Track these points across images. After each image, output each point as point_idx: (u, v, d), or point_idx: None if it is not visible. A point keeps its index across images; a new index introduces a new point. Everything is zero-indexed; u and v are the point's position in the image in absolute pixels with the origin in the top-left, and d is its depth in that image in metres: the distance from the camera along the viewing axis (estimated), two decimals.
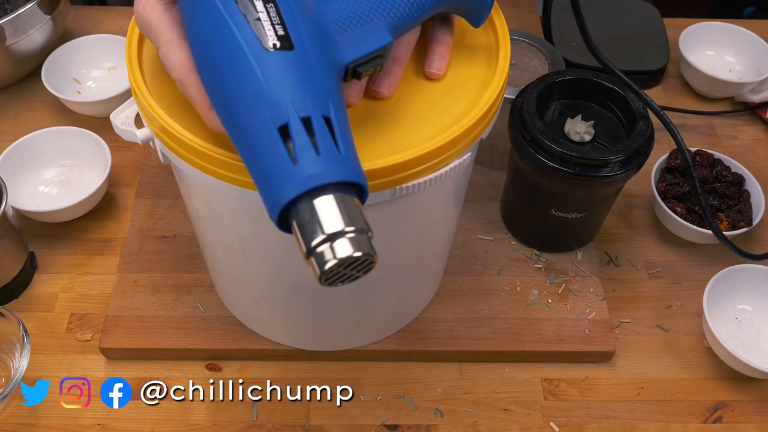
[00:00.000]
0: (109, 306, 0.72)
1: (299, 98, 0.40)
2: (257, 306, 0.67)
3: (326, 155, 0.39)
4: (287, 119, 0.40)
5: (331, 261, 0.39)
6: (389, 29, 0.47)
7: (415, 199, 0.52)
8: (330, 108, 0.41)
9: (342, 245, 0.39)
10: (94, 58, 0.92)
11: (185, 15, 0.44)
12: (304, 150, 0.39)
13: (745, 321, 0.73)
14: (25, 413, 0.66)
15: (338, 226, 0.39)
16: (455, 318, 0.72)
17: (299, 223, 0.39)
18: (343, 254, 0.39)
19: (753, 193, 0.79)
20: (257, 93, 0.40)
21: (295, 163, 0.39)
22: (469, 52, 0.56)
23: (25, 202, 0.78)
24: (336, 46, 0.45)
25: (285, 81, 0.40)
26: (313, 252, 0.39)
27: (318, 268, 0.39)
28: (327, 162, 0.39)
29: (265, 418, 0.67)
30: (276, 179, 0.39)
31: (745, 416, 0.69)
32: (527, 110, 0.68)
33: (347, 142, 0.41)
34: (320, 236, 0.39)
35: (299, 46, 0.41)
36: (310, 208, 0.39)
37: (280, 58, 0.41)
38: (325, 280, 0.41)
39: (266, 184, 0.40)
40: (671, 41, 0.98)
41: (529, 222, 0.77)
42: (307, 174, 0.39)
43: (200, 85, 0.44)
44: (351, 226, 0.39)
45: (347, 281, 0.42)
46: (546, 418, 0.68)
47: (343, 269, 0.40)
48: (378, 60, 0.47)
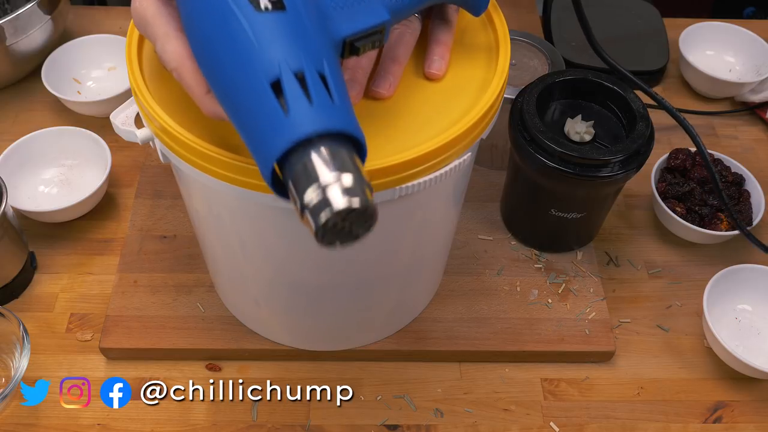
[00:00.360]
0: (109, 306, 0.72)
1: (292, 54, 0.39)
2: (257, 306, 0.67)
3: (319, 105, 0.38)
4: (279, 74, 0.39)
5: (327, 212, 0.37)
6: (387, 8, 0.47)
7: (415, 199, 0.52)
8: (324, 65, 0.40)
9: (337, 196, 0.37)
10: (94, 58, 0.92)
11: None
12: (297, 101, 0.38)
13: (745, 321, 0.73)
14: (25, 413, 0.66)
15: (333, 177, 0.37)
16: (455, 318, 0.72)
17: (294, 178, 0.38)
18: (339, 205, 0.37)
19: (753, 193, 0.79)
20: (249, 53, 0.39)
21: (287, 114, 0.38)
22: (469, 52, 0.56)
23: (25, 202, 0.78)
24: (333, 22, 0.45)
25: (277, 39, 0.40)
26: (308, 206, 0.37)
27: (313, 223, 0.37)
28: (320, 111, 0.38)
29: (265, 418, 0.67)
30: (268, 133, 0.38)
31: (745, 416, 0.69)
32: (527, 110, 0.68)
33: (342, 96, 0.40)
34: (314, 188, 0.37)
35: (292, 8, 0.41)
36: (303, 161, 0.38)
37: (272, 17, 0.40)
38: (322, 237, 0.38)
39: (259, 140, 0.39)
40: (671, 41, 0.98)
41: (529, 222, 0.77)
42: (300, 122, 0.38)
43: (196, 72, 0.44)
44: (348, 176, 0.37)
45: (347, 241, 0.40)
46: (546, 418, 0.68)
47: (341, 223, 0.38)
48: (376, 37, 0.46)
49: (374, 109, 0.51)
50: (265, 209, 0.52)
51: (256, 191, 0.47)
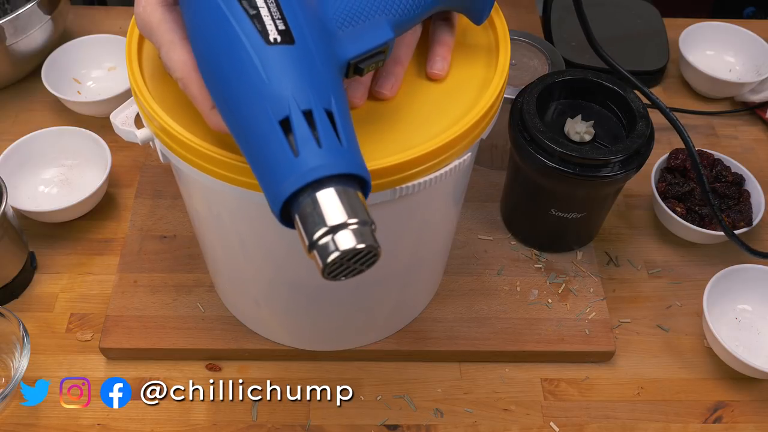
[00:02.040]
0: (109, 306, 0.72)
1: (300, 91, 0.40)
2: (257, 306, 0.67)
3: (328, 147, 0.39)
4: (288, 112, 0.39)
5: (334, 253, 0.38)
6: (391, 25, 0.47)
7: (416, 199, 0.52)
8: (332, 101, 0.41)
9: (345, 237, 0.39)
10: (94, 58, 0.92)
11: (186, 12, 0.44)
12: (306, 143, 0.39)
13: (745, 321, 0.73)
14: (25, 413, 0.66)
15: (341, 218, 0.38)
16: (455, 318, 0.72)
17: (301, 216, 0.39)
18: (346, 246, 0.38)
19: (753, 193, 0.79)
20: (258, 87, 0.40)
21: (296, 156, 0.39)
22: (469, 52, 0.56)
23: (25, 202, 0.78)
24: (337, 42, 0.45)
25: (286, 74, 0.40)
26: (316, 245, 0.39)
27: (321, 261, 0.39)
28: (329, 154, 0.39)
29: (265, 418, 0.67)
30: (277, 172, 0.39)
31: (745, 416, 0.69)
32: (527, 110, 0.68)
33: (349, 135, 0.41)
34: (323, 229, 0.38)
35: (300, 40, 0.41)
36: (312, 201, 0.39)
37: (280, 51, 0.41)
38: (329, 274, 0.40)
39: (268, 178, 0.40)
40: (671, 41, 0.98)
41: (529, 222, 0.77)
42: (309, 166, 0.39)
43: (202, 85, 0.44)
44: (354, 218, 0.39)
45: (351, 275, 0.42)
46: (546, 418, 0.68)
47: (347, 262, 0.40)
48: (380, 56, 0.47)
49: (374, 109, 0.51)
50: (265, 209, 0.51)
51: (256, 191, 0.47)
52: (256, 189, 0.47)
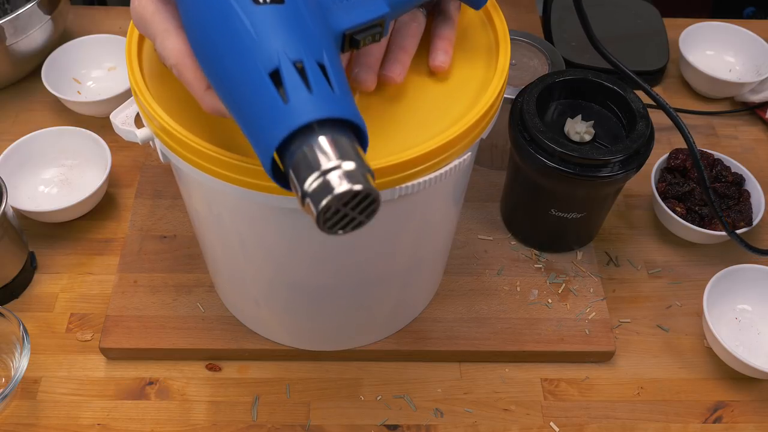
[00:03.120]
0: (109, 306, 0.72)
1: (290, 44, 0.39)
2: (257, 306, 0.67)
3: (319, 94, 0.38)
4: (278, 63, 0.39)
5: (327, 197, 0.37)
6: (386, 2, 0.47)
7: (415, 199, 0.52)
8: (324, 56, 0.40)
9: (337, 179, 0.37)
10: (94, 58, 0.92)
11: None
12: (296, 90, 0.38)
13: (745, 321, 0.73)
14: (25, 413, 0.66)
15: (334, 163, 0.37)
16: (455, 318, 0.72)
17: (294, 167, 0.38)
18: (340, 189, 0.37)
19: (753, 193, 0.79)
20: (248, 45, 0.40)
21: (286, 103, 0.38)
22: (469, 52, 0.56)
23: (25, 202, 0.78)
24: (332, 15, 0.45)
25: (275, 30, 0.40)
26: (309, 193, 0.37)
27: (314, 208, 0.37)
28: (319, 100, 0.38)
29: (265, 418, 0.67)
30: (268, 123, 0.38)
31: (745, 416, 0.69)
32: (527, 110, 0.68)
33: (342, 86, 0.40)
34: (315, 175, 0.37)
35: (290, 1, 0.41)
36: (304, 149, 0.38)
37: (270, 10, 0.40)
38: (324, 223, 0.38)
39: (258, 131, 0.39)
40: (671, 41, 0.98)
41: (529, 222, 0.77)
42: (299, 110, 0.38)
43: (196, 68, 0.44)
44: (349, 162, 0.37)
45: (350, 227, 0.39)
46: (546, 418, 0.68)
47: (343, 208, 0.38)
48: (376, 29, 0.46)
49: (374, 109, 0.52)
50: (265, 209, 0.52)
51: (256, 191, 0.47)
52: (256, 189, 0.47)
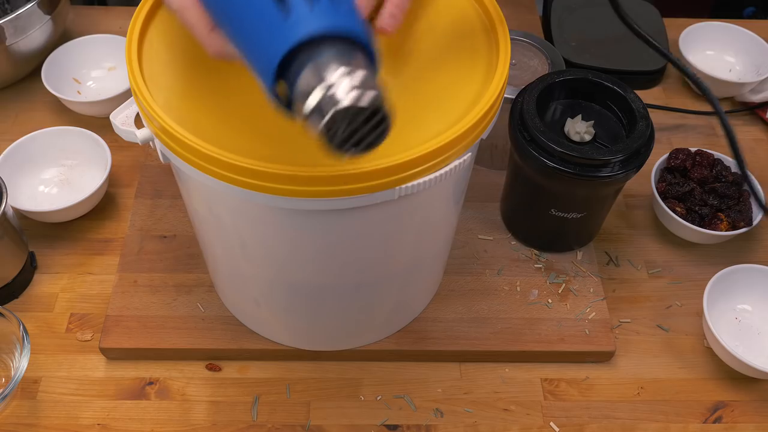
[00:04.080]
0: (109, 306, 0.72)
1: None
2: (257, 306, 0.67)
3: (321, 8, 0.37)
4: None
5: (332, 110, 0.35)
6: None
7: (416, 199, 0.52)
8: None
9: (344, 91, 0.35)
10: (94, 58, 0.92)
11: None
12: (298, 4, 0.37)
13: (745, 321, 0.73)
14: (25, 413, 0.66)
15: (339, 74, 0.35)
16: (455, 318, 0.72)
17: (298, 87, 0.36)
18: (345, 101, 0.35)
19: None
20: None
21: (288, 17, 0.37)
22: (469, 52, 0.56)
23: (25, 202, 0.78)
24: None
25: None
26: (315, 109, 0.35)
27: (319, 122, 0.35)
28: (322, 12, 0.37)
29: (265, 418, 0.67)
30: (269, 38, 0.37)
31: (745, 416, 0.69)
32: (527, 110, 0.68)
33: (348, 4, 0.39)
34: (320, 88, 0.35)
35: None
36: (308, 65, 0.36)
37: None
38: (331, 138, 0.36)
39: (260, 52, 0.38)
40: (671, 41, 0.98)
41: (529, 222, 0.77)
42: (301, 23, 0.36)
43: (199, 10, 0.44)
44: (356, 73, 0.35)
45: (361, 148, 0.37)
46: (546, 418, 0.68)
47: (354, 121, 0.36)
48: None
49: None
50: (265, 209, 0.52)
51: (256, 191, 0.47)
52: (257, 189, 0.47)
